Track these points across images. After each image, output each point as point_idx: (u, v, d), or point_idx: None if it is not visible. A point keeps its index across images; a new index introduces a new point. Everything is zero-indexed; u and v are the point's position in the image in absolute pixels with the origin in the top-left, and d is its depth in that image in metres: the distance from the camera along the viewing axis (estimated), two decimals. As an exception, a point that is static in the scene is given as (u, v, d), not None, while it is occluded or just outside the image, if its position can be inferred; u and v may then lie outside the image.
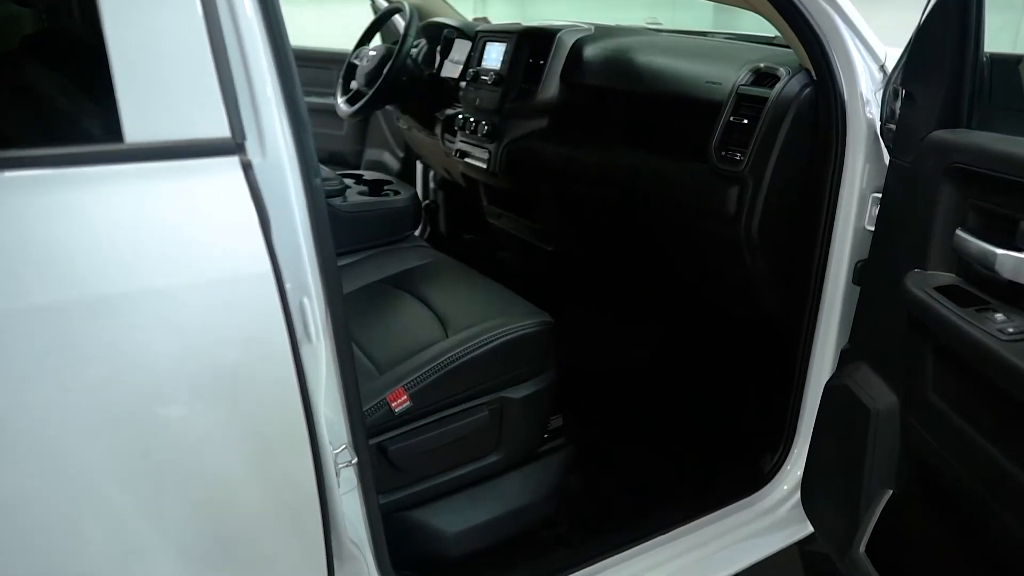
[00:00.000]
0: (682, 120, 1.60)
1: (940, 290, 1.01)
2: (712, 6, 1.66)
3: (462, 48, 2.14)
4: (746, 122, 1.39)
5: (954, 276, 1.05)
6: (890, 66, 1.27)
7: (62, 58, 1.04)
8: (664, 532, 1.44)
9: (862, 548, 1.15)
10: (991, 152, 0.97)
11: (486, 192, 2.24)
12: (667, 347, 2.06)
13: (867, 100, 1.28)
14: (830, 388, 1.33)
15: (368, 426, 1.16)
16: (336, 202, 1.79)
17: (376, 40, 2.32)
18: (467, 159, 2.06)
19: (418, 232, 2.47)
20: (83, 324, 0.75)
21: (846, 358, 1.33)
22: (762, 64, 1.43)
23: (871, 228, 1.29)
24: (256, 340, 0.84)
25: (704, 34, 1.96)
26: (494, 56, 1.99)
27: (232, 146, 0.79)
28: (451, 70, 2.15)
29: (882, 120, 1.25)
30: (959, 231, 1.00)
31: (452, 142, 2.13)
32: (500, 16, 2.53)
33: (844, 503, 1.25)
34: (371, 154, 2.91)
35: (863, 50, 1.28)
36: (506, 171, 1.95)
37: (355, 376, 0.98)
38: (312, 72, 2.76)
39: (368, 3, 2.63)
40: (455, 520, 1.37)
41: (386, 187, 1.95)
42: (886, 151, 1.27)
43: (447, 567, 1.38)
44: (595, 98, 1.82)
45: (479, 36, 2.09)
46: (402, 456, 1.28)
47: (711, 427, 1.82)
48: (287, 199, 0.84)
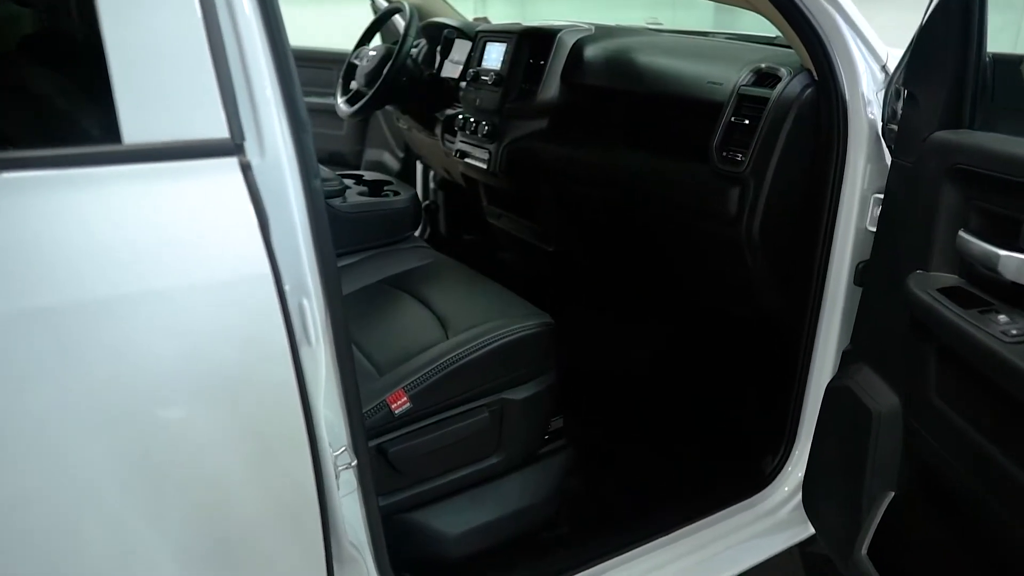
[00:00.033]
0: (683, 120, 1.60)
1: (942, 291, 1.00)
2: (712, 6, 1.65)
3: (462, 48, 2.13)
4: (747, 122, 1.39)
5: (956, 277, 1.04)
6: (892, 66, 1.27)
7: (60, 58, 1.04)
8: (665, 534, 1.44)
9: (864, 550, 1.15)
10: (994, 153, 0.97)
11: (486, 192, 2.23)
12: (668, 348, 2.05)
13: (869, 100, 1.27)
14: (832, 389, 1.33)
15: (368, 428, 1.15)
16: (336, 202, 1.79)
17: (376, 40, 2.31)
18: (467, 159, 2.06)
19: (418, 233, 2.46)
20: (81, 326, 0.75)
21: (847, 359, 1.32)
22: (763, 64, 1.42)
23: (873, 229, 1.29)
24: (255, 342, 0.84)
25: (705, 34, 1.96)
26: (494, 56, 1.99)
27: (231, 147, 0.79)
28: (451, 70, 2.15)
29: (884, 120, 1.25)
30: (961, 232, 0.99)
31: (452, 142, 2.13)
32: (500, 16, 2.53)
33: (846, 505, 1.24)
34: (371, 154, 2.91)
35: (865, 50, 1.27)
36: (506, 171, 1.95)
37: (355, 378, 0.98)
38: (312, 72, 2.76)
39: (368, 3, 2.63)
40: (455, 522, 1.36)
41: (386, 187, 1.94)
42: (888, 152, 1.26)
43: (447, 569, 1.38)
44: (596, 98, 1.82)
45: (479, 36, 2.08)
46: (402, 458, 1.27)
47: (712, 428, 1.82)
48: (286, 200, 0.84)
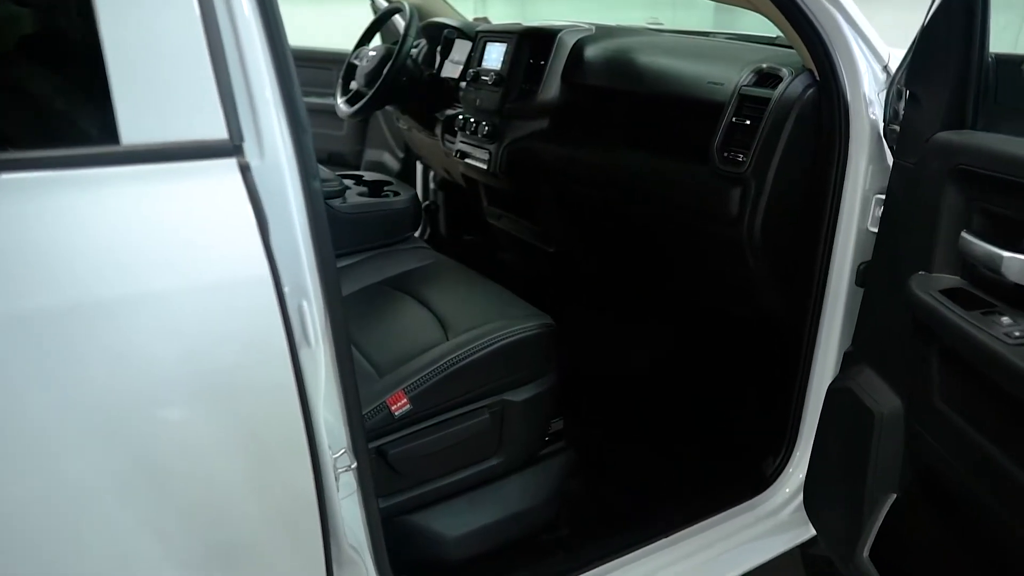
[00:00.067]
0: (684, 121, 1.59)
1: (945, 293, 1.00)
2: (713, 6, 1.65)
3: (462, 48, 2.13)
4: (748, 123, 1.38)
5: (959, 279, 1.04)
6: (893, 66, 1.27)
7: (58, 59, 1.03)
8: (665, 536, 1.43)
9: (866, 552, 1.15)
10: (997, 154, 0.96)
11: (486, 193, 2.23)
12: (668, 349, 2.05)
13: (870, 101, 1.27)
14: (833, 391, 1.32)
15: (368, 429, 1.15)
16: (336, 203, 1.78)
17: (376, 40, 2.31)
18: (467, 160, 2.05)
19: (418, 233, 2.46)
20: (79, 328, 0.75)
21: (849, 361, 1.32)
22: (764, 65, 1.42)
23: (874, 230, 1.28)
24: (254, 344, 0.84)
25: (706, 34, 1.95)
26: (494, 56, 1.98)
27: (230, 148, 0.78)
28: (451, 70, 2.14)
29: (885, 121, 1.25)
30: (964, 233, 0.99)
31: (452, 143, 2.13)
32: (500, 16, 2.52)
33: (847, 507, 1.24)
34: (371, 155, 2.90)
35: (866, 50, 1.27)
36: (506, 172, 1.94)
37: (354, 380, 0.98)
38: (312, 72, 2.76)
39: (368, 3, 2.62)
40: (455, 524, 1.36)
41: (386, 188, 1.94)
42: (889, 152, 1.26)
43: (447, 571, 1.37)
44: (596, 99, 1.81)
45: (479, 36, 2.08)
46: (402, 460, 1.27)
47: (713, 429, 1.82)
48: (286, 201, 0.83)
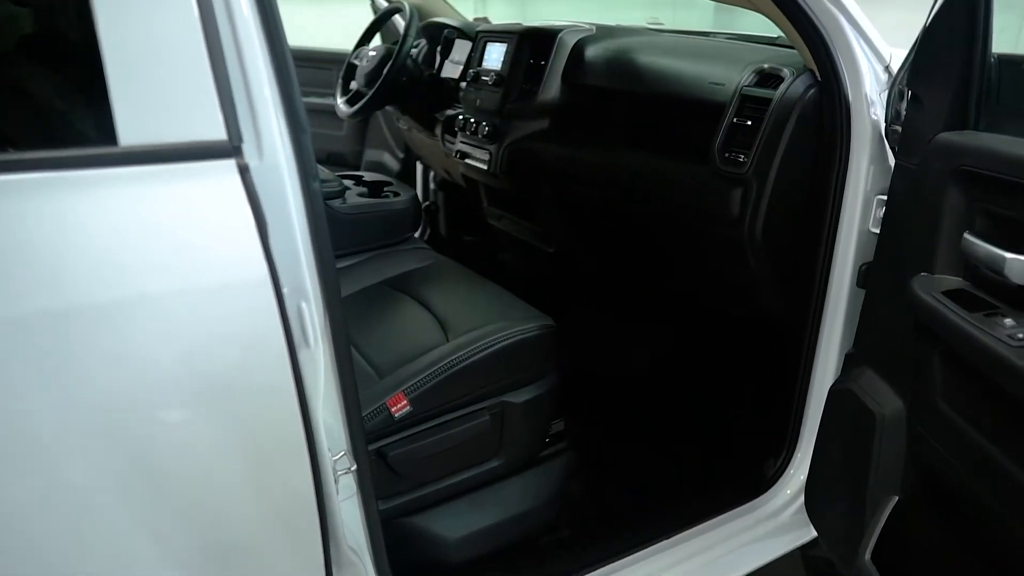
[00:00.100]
0: (684, 121, 1.59)
1: (947, 294, 0.99)
2: (713, 6, 1.65)
3: (462, 48, 2.13)
4: (749, 123, 1.38)
5: (961, 280, 1.03)
6: (895, 67, 1.26)
7: (56, 59, 1.03)
8: (666, 537, 1.43)
9: (868, 555, 1.14)
10: (999, 155, 0.96)
11: (487, 193, 2.23)
12: (669, 350, 2.04)
13: (872, 101, 1.26)
14: (835, 392, 1.32)
15: (367, 431, 1.15)
16: (335, 203, 1.78)
17: (376, 40, 2.31)
18: (467, 160, 2.05)
19: (418, 234, 2.45)
20: (77, 330, 0.74)
21: (850, 362, 1.31)
22: (766, 65, 1.41)
23: (876, 231, 1.28)
24: (253, 345, 0.83)
25: (706, 34, 1.95)
26: (495, 56, 1.98)
27: (228, 149, 0.78)
28: (451, 70, 2.14)
29: (887, 122, 1.24)
30: (967, 234, 0.98)
31: (452, 143, 2.12)
32: (500, 16, 2.52)
33: (849, 509, 1.23)
34: (371, 155, 2.90)
35: (868, 51, 1.26)
36: (507, 172, 1.94)
37: (354, 381, 0.97)
38: (311, 72, 2.75)
39: (368, 3, 2.62)
40: (456, 526, 1.36)
41: (386, 188, 1.93)
42: (891, 153, 1.26)
43: (447, 573, 1.37)
44: (597, 99, 1.81)
45: (480, 36, 2.08)
46: (402, 461, 1.27)
47: (713, 431, 1.81)
48: (285, 203, 0.83)
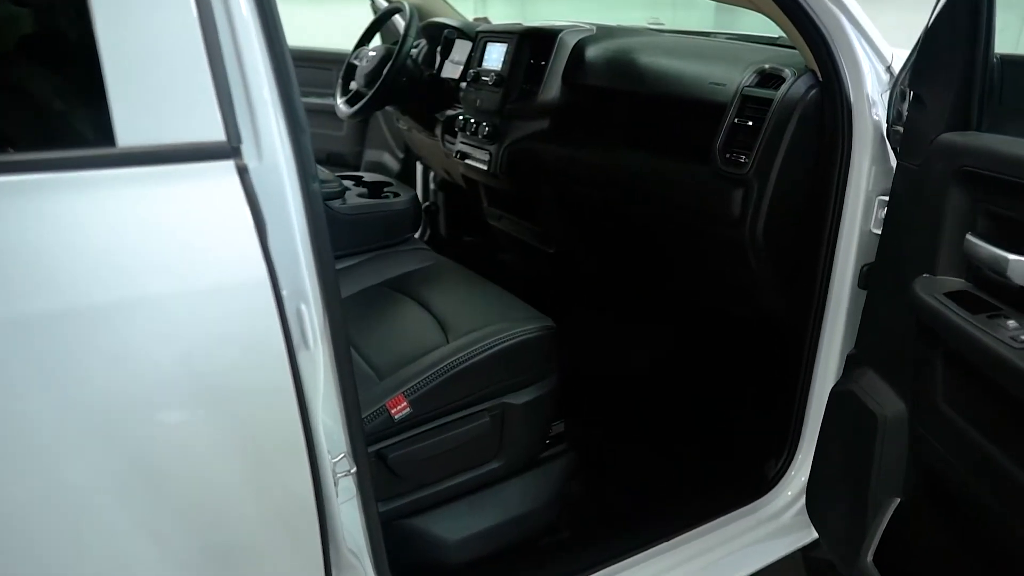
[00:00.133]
0: (685, 122, 1.59)
1: (950, 295, 0.99)
2: (714, 6, 1.64)
3: (462, 48, 2.12)
4: (751, 124, 1.37)
5: (963, 281, 1.03)
6: (897, 67, 1.26)
7: (54, 60, 1.02)
8: (667, 539, 1.43)
9: (870, 557, 1.14)
10: (1002, 155, 0.95)
11: (487, 194, 2.22)
12: (670, 351, 2.04)
13: (873, 102, 1.26)
14: (836, 394, 1.31)
15: (367, 433, 1.14)
16: (335, 204, 1.78)
17: (376, 40, 2.30)
18: (467, 160, 2.04)
19: (418, 234, 2.45)
20: (76, 331, 0.74)
21: (852, 363, 1.31)
22: (767, 65, 1.41)
23: (877, 231, 1.27)
24: (252, 347, 0.83)
25: (707, 34, 1.95)
26: (495, 57, 1.97)
27: (227, 150, 0.77)
28: (451, 71, 2.13)
29: (889, 122, 1.24)
30: (969, 236, 0.98)
31: (452, 143, 2.12)
32: (500, 16, 2.51)
33: (850, 511, 1.23)
34: (371, 155, 2.89)
35: (869, 51, 1.26)
36: (507, 172, 1.93)
37: (354, 384, 0.97)
38: (311, 72, 2.75)
39: (368, 3, 2.61)
40: (456, 527, 1.35)
41: (386, 189, 1.93)
42: (892, 154, 1.25)
43: (448, 575, 1.36)
44: (597, 99, 1.81)
45: (480, 36, 2.07)
46: (402, 463, 1.26)
47: (714, 432, 1.81)
48: (284, 204, 0.82)
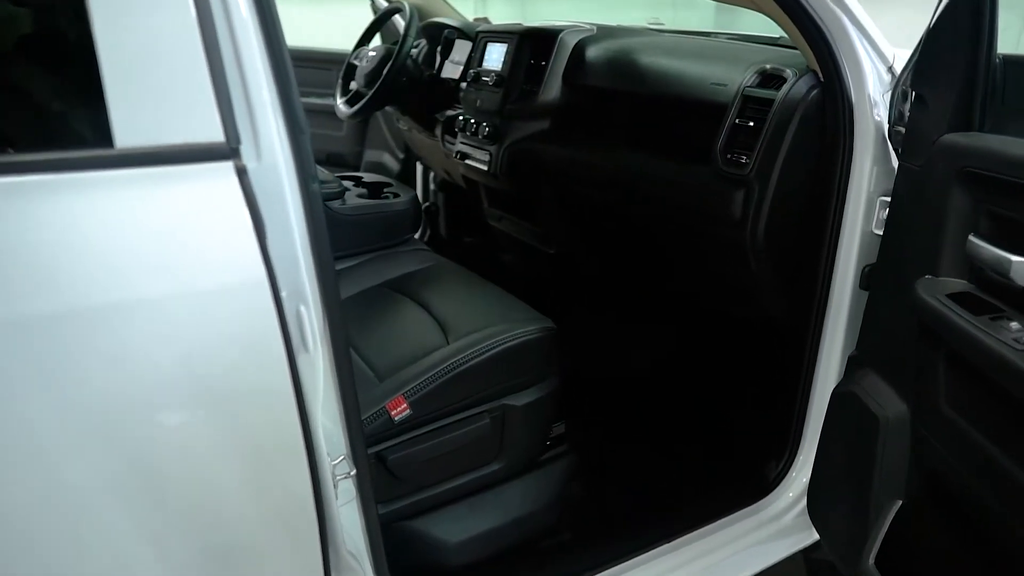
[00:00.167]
0: (686, 122, 1.58)
1: (952, 297, 0.99)
2: (714, 6, 1.64)
3: (463, 49, 2.12)
4: (752, 124, 1.37)
5: (966, 283, 1.03)
6: (898, 67, 1.25)
7: (52, 60, 1.02)
8: (668, 540, 1.42)
9: (872, 559, 1.13)
10: (1005, 156, 0.95)
11: (487, 194, 2.22)
12: (670, 352, 2.04)
13: (875, 102, 1.25)
14: (837, 395, 1.31)
15: (367, 435, 1.14)
16: (335, 205, 1.77)
17: (376, 40, 2.30)
18: (468, 161, 2.04)
19: (418, 235, 2.45)
20: (74, 333, 0.73)
21: (853, 365, 1.30)
22: (768, 65, 1.40)
23: (879, 232, 1.27)
24: (251, 349, 0.82)
25: (708, 35, 1.94)
26: (495, 57, 1.97)
27: (226, 151, 0.77)
28: (451, 71, 2.13)
29: (890, 123, 1.23)
30: (972, 237, 0.98)
31: (452, 143, 2.11)
32: (500, 16, 2.51)
33: (852, 512, 1.23)
34: (371, 155, 2.89)
35: (871, 51, 1.26)
36: (507, 173, 1.93)
37: (353, 385, 0.96)
38: (311, 72, 2.75)
39: (368, 3, 2.61)
40: (456, 529, 1.35)
41: (386, 189, 1.93)
42: (894, 154, 1.25)
43: (447, 577, 1.36)
44: (597, 99, 1.80)
45: (480, 36, 2.07)
46: (402, 465, 1.26)
47: (715, 433, 1.80)
48: (283, 205, 0.82)
